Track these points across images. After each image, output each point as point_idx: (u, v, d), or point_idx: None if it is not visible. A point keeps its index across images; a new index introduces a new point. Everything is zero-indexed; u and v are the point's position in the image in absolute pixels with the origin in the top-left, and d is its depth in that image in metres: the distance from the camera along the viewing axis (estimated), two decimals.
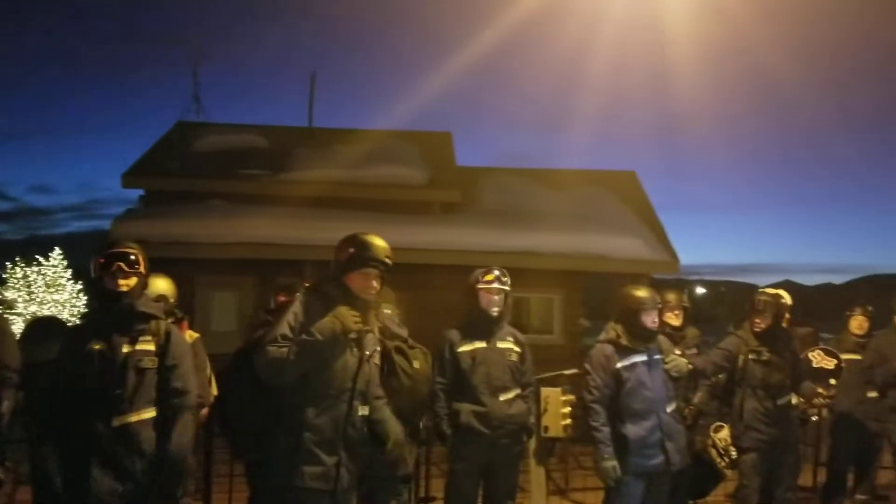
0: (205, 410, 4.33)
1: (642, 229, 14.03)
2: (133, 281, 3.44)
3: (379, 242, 3.66)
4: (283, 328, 3.35)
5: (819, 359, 5.86)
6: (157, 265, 5.14)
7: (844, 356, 6.00)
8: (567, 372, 5.55)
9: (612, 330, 4.73)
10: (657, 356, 4.70)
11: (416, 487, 5.34)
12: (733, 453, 5.54)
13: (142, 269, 3.48)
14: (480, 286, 4.91)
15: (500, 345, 4.90)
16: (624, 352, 4.63)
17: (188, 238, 11.59)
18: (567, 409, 5.32)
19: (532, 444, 5.28)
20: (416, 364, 4.02)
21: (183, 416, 3.41)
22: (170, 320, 3.89)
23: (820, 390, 5.82)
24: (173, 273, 5.29)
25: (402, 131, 15.39)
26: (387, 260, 3.65)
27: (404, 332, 4.35)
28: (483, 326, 4.91)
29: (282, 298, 4.57)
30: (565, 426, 5.29)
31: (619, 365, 4.59)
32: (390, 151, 13.75)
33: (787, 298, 5.67)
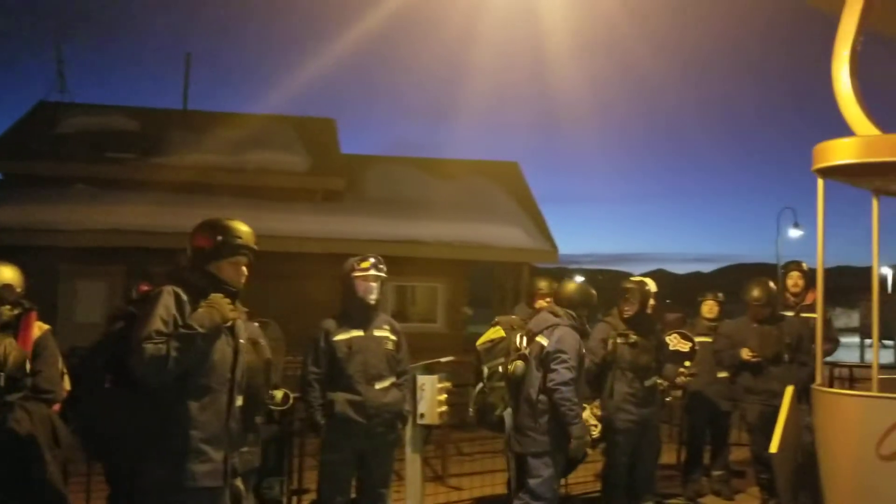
0: (56, 406, 4.06)
1: (524, 219, 14.35)
2: None
3: (246, 228, 3.49)
4: (157, 323, 3.08)
5: (675, 342, 6.16)
6: (17, 253, 4.79)
7: (697, 339, 6.33)
8: (444, 359, 5.55)
9: (570, 317, 5.04)
10: None
11: (288, 480, 5.23)
12: (594, 433, 5.75)
13: None
14: (356, 274, 4.83)
15: (377, 333, 4.86)
16: (583, 337, 5.09)
17: (50, 225, 10.96)
18: (443, 397, 5.32)
19: (408, 431, 5.27)
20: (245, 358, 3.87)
21: None
22: (16, 311, 3.61)
23: (681, 370, 6.13)
24: (34, 262, 4.94)
25: (284, 116, 15.03)
26: (255, 246, 3.52)
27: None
28: (359, 315, 4.84)
29: (144, 288, 4.33)
30: (441, 413, 5.29)
31: (584, 350, 5.05)
32: (270, 137, 13.43)
33: (651, 286, 5.93)
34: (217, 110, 17.08)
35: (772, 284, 6.44)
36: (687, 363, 6.21)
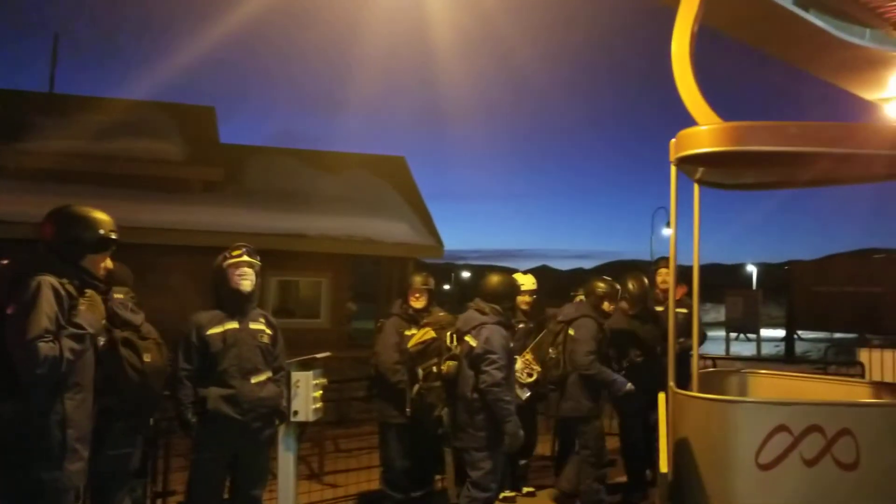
0: None
1: (410, 214, 14.37)
2: None
3: (106, 217, 3.41)
4: (45, 321, 3.00)
5: None
6: None
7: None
8: (320, 355, 5.43)
9: (496, 312, 5.05)
10: None
11: (152, 482, 5.00)
12: (534, 377, 6.05)
13: None
14: (228, 262, 4.68)
15: (252, 326, 4.70)
16: (509, 332, 5.15)
17: None
18: (318, 393, 5.22)
19: (281, 429, 5.14)
20: (146, 357, 3.73)
21: None
22: None
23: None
24: None
25: (160, 103, 14.40)
26: (117, 236, 3.41)
27: (139, 318, 4.02)
28: (234, 306, 4.67)
29: None
30: (316, 410, 5.19)
31: (512, 344, 5.11)
32: (145, 124, 12.83)
33: (527, 283, 6.15)
34: (88, 94, 16.18)
35: (645, 280, 6.68)
36: None
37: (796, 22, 5.29)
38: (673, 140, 4.52)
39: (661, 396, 4.67)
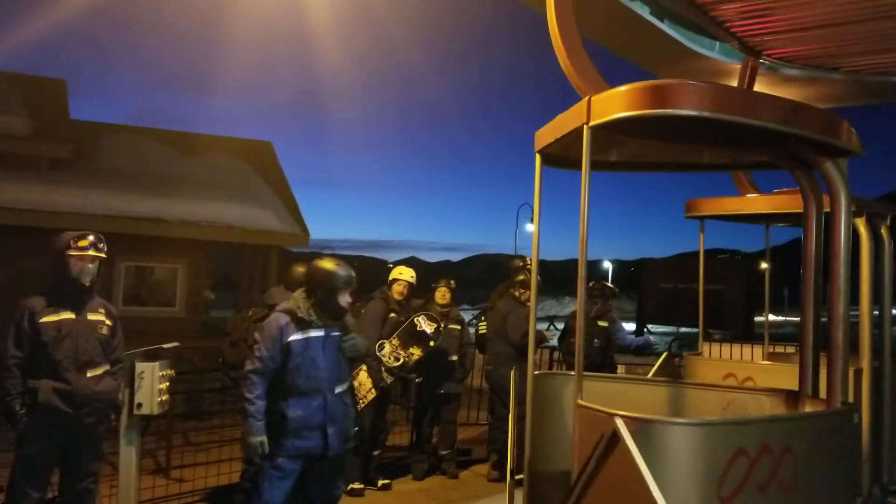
0: None
1: (274, 201, 14.05)
2: None
3: None
4: None
5: (422, 324, 6.33)
6: None
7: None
8: (167, 345, 5.20)
9: (294, 300, 4.30)
10: (335, 334, 4.35)
11: None
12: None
13: None
14: (72, 252, 4.42)
15: (91, 317, 4.48)
16: (300, 325, 4.24)
17: None
18: (164, 385, 5.00)
19: (123, 422, 4.89)
20: None
21: None
22: None
23: (412, 350, 6.31)
24: None
25: (3, 73, 13.32)
26: None
27: None
28: (72, 296, 4.43)
29: None
30: (161, 402, 4.97)
31: (291, 338, 4.19)
32: None
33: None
34: None
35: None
36: (431, 343, 6.40)
37: (651, 31, 5.52)
38: (589, 98, 3.58)
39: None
